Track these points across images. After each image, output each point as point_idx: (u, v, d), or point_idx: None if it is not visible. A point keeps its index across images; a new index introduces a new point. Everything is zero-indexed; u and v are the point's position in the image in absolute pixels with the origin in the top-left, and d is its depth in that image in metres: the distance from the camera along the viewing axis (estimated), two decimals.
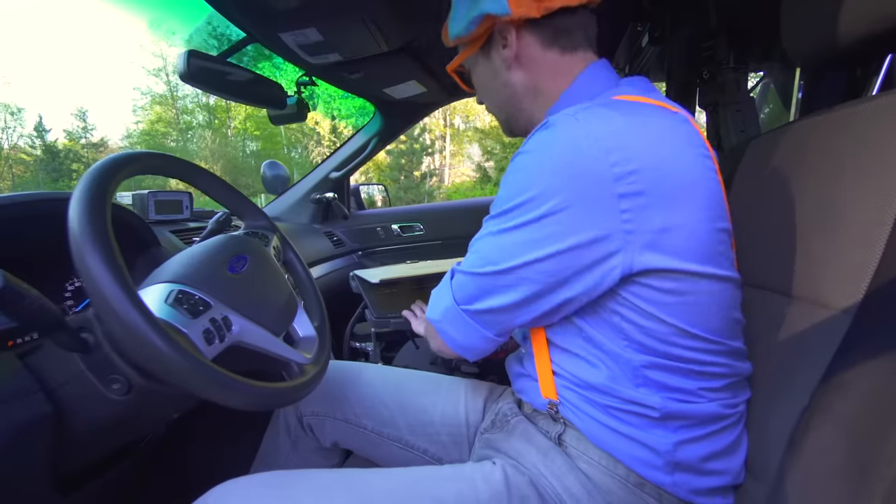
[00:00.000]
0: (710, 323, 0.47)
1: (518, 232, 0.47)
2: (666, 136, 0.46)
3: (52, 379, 0.49)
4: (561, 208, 0.43)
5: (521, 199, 0.46)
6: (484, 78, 0.62)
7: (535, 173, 0.45)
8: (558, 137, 0.45)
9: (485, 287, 0.51)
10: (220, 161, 19.32)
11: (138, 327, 0.39)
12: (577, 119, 0.45)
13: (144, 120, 20.09)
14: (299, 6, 0.76)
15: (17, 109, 18.14)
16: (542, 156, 0.46)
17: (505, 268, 0.48)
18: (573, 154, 0.43)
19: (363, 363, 0.81)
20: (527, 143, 0.48)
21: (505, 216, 0.48)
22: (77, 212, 0.42)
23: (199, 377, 0.42)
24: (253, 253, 0.62)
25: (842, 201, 0.47)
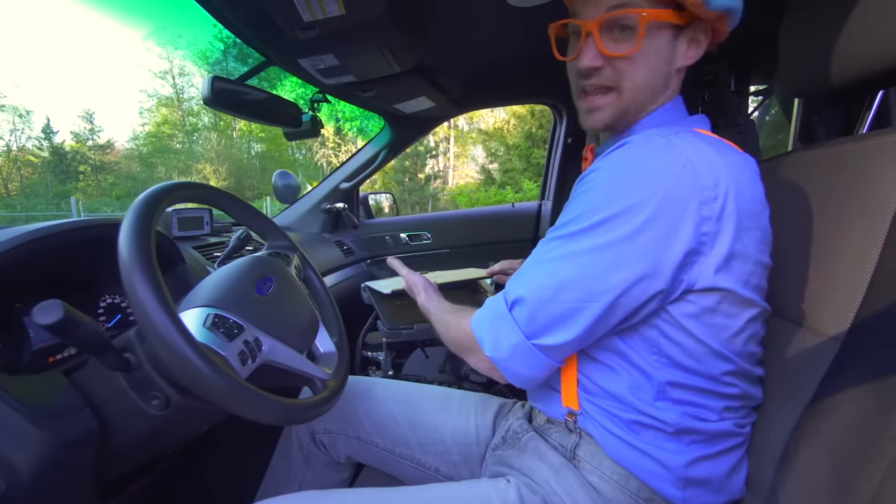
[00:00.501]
0: (740, 348, 0.50)
1: (609, 250, 0.46)
2: (743, 171, 0.49)
3: (97, 395, 0.53)
4: (653, 221, 0.45)
5: (608, 212, 0.46)
6: (656, 53, 0.53)
7: (628, 188, 0.46)
8: (652, 157, 0.47)
9: (563, 315, 0.49)
10: (225, 163, 19.44)
11: (184, 352, 0.43)
12: (671, 142, 0.47)
13: (150, 122, 20.27)
14: (319, 36, 0.80)
15: (25, 112, 18.36)
16: (633, 171, 0.47)
17: (590, 293, 0.47)
18: (668, 173, 0.45)
19: (374, 378, 0.84)
20: (609, 159, 0.49)
21: (588, 232, 0.47)
22: (126, 242, 0.46)
23: (236, 397, 0.45)
24: (277, 274, 0.66)
25: (833, 235, 0.50)
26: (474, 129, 17.29)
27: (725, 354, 0.50)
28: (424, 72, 1.14)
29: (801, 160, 0.60)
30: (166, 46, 15.03)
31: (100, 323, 0.75)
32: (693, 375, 0.50)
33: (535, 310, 0.50)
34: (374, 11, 0.75)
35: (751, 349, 0.52)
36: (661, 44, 0.53)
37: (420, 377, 1.19)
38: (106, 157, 19.71)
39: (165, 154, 19.63)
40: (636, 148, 0.48)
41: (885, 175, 0.46)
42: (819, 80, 0.57)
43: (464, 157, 18.73)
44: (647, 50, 0.52)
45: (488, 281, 1.42)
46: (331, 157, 16.37)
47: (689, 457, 0.51)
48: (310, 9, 0.70)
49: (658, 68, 0.54)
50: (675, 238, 0.45)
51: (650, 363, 0.51)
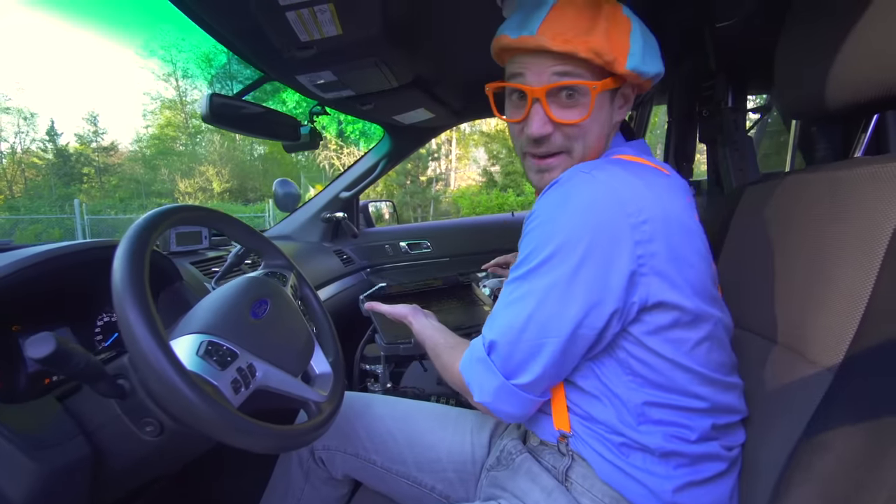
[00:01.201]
0: (703, 358, 0.52)
1: (557, 287, 0.49)
2: (668, 194, 0.52)
3: (91, 422, 0.53)
4: (589, 255, 0.48)
5: (547, 251, 0.49)
6: (597, 113, 0.56)
7: (559, 225, 0.50)
8: (577, 192, 0.50)
9: (529, 353, 0.52)
10: (228, 165, 19.49)
11: (174, 382, 0.43)
12: (593, 176, 0.50)
13: (154, 124, 20.35)
14: (317, 54, 0.80)
15: (30, 114, 18.42)
16: (563, 209, 0.50)
17: (548, 330, 0.50)
18: (594, 207, 0.49)
19: (372, 395, 0.84)
20: (542, 200, 0.53)
21: (535, 273, 0.51)
22: (120, 270, 0.46)
23: (228, 427, 0.45)
24: (272, 295, 0.66)
25: (828, 262, 0.50)
26: (476, 132, 17.30)
27: (689, 366, 0.51)
28: (422, 85, 1.14)
29: (796, 183, 0.59)
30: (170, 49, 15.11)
31: (97, 341, 0.75)
32: (666, 392, 0.52)
33: (508, 351, 0.53)
34: (370, 31, 0.76)
35: (716, 358, 0.53)
36: (603, 108, 0.57)
37: (418, 389, 1.19)
38: (110, 159, 19.78)
39: (168, 156, 19.70)
40: (562, 185, 0.51)
41: (879, 204, 0.46)
42: (814, 102, 0.57)
43: (466, 160, 18.74)
44: (595, 116, 0.56)
45: (486, 291, 1.42)
46: (333, 160, 16.41)
47: (677, 482, 0.51)
48: (307, 30, 0.70)
49: (603, 129, 0.58)
50: (614, 265, 0.48)
51: (626, 385, 0.53)
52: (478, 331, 1.05)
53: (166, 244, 0.96)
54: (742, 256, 0.66)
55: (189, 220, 0.60)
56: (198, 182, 18.81)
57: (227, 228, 0.69)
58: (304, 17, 0.65)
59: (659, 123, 5.31)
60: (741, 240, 0.67)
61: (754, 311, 0.60)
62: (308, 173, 17.66)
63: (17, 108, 18.13)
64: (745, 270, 0.64)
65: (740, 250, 0.67)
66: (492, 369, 0.54)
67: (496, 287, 1.41)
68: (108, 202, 17.14)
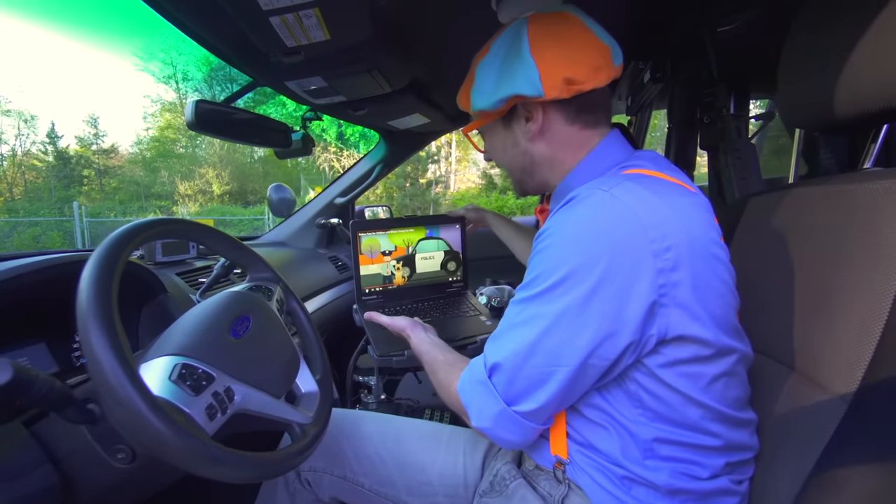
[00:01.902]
0: (720, 394, 0.48)
1: (568, 314, 0.45)
2: (693, 215, 0.48)
3: (59, 448, 0.50)
4: (605, 281, 0.44)
5: (560, 273, 0.46)
6: (501, 144, 0.64)
7: (575, 246, 0.46)
8: (595, 212, 0.46)
9: (536, 380, 0.48)
10: (227, 167, 19.48)
11: (139, 411, 0.40)
12: (614, 195, 0.46)
13: (154, 126, 20.35)
14: (305, 60, 0.78)
15: (30, 117, 18.41)
16: (579, 229, 0.46)
17: (558, 358, 0.46)
18: (614, 229, 0.45)
19: (362, 412, 0.81)
20: (557, 217, 0.49)
21: (546, 295, 0.47)
22: (86, 290, 0.43)
23: (201, 458, 0.43)
24: (255, 311, 0.63)
25: (839, 282, 0.47)
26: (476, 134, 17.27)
27: (704, 402, 0.47)
28: (417, 90, 1.12)
29: (803, 196, 0.57)
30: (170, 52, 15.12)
31: (75, 357, 0.72)
32: (677, 428, 0.48)
33: (511, 376, 0.49)
34: (360, 36, 0.73)
35: (733, 393, 0.50)
36: (498, 139, 0.64)
37: (413, 401, 1.16)
38: (110, 162, 19.77)
39: (169, 158, 19.69)
40: (579, 204, 0.48)
41: (895, 222, 0.43)
42: (821, 112, 0.54)
43: (465, 162, 18.72)
44: (493, 146, 0.67)
45: (482, 299, 1.40)
46: (333, 162, 16.39)
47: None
48: (293, 35, 0.68)
49: (510, 153, 0.63)
50: (633, 294, 0.44)
51: (635, 419, 0.49)
52: (473, 343, 1.04)
53: (152, 255, 0.94)
54: (746, 272, 0.63)
55: (166, 233, 0.58)
56: (198, 184, 18.80)
57: (208, 241, 0.66)
58: (288, 22, 0.63)
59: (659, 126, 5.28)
60: (745, 254, 0.64)
61: (760, 332, 0.57)
62: (308, 175, 17.64)
63: (17, 111, 18.16)
64: (749, 288, 0.61)
65: (744, 265, 0.64)
66: (493, 394, 0.50)
67: (493, 295, 1.39)
68: (108, 204, 17.13)
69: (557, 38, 0.53)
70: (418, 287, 1.26)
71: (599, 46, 0.54)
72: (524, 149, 0.61)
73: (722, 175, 0.87)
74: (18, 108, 18.61)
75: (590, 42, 0.54)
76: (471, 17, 0.80)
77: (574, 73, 0.53)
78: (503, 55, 0.56)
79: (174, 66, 15.66)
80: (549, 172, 0.61)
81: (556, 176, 0.61)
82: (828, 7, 0.53)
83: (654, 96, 1.24)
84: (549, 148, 0.59)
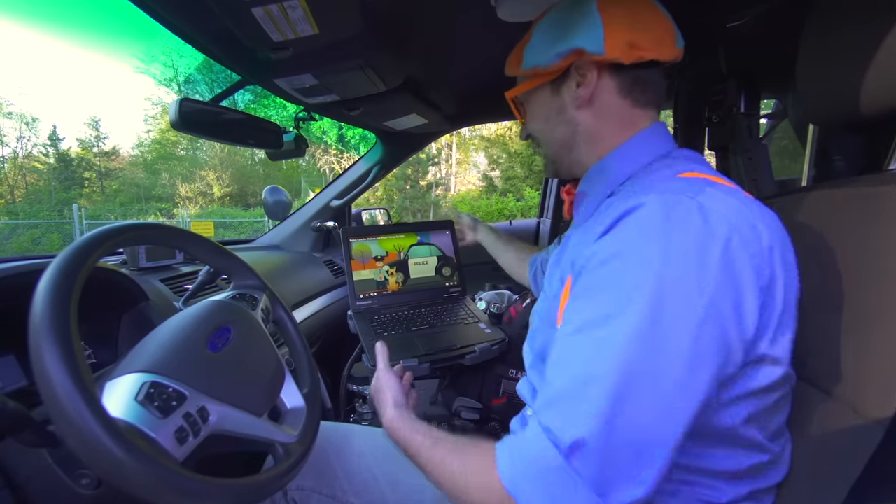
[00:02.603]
0: (765, 423, 0.43)
1: (680, 352, 0.36)
2: (779, 227, 0.43)
3: (18, 473, 0.47)
4: (713, 306, 0.37)
5: (651, 300, 0.37)
6: (545, 111, 0.59)
7: (673, 267, 0.37)
8: (689, 225, 0.39)
9: (644, 444, 0.36)
10: (228, 169, 19.50)
11: (94, 435, 0.36)
12: (702, 204, 0.40)
13: (155, 129, 20.37)
14: (294, 56, 0.74)
15: (32, 119, 18.43)
16: (673, 244, 0.38)
17: (674, 404, 0.36)
18: (716, 246, 0.38)
19: (353, 426, 0.77)
20: (629, 231, 0.41)
21: (640, 331, 0.37)
22: (40, 300, 0.40)
23: (168, 488, 0.39)
24: (237, 322, 0.59)
25: (869, 295, 0.43)
26: (476, 136, 17.28)
27: (747, 434, 0.42)
28: (413, 89, 1.08)
29: (822, 199, 0.53)
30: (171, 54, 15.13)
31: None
32: (703, 454, 0.43)
33: (604, 455, 0.36)
34: (350, 31, 0.69)
35: (777, 421, 0.45)
36: (543, 104, 0.59)
37: None
38: (111, 164, 19.81)
39: (169, 161, 19.72)
40: (660, 213, 0.40)
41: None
42: (845, 107, 0.50)
43: (466, 164, 18.70)
44: (536, 114, 0.62)
45: (481, 305, 1.35)
46: (333, 164, 16.38)
47: None
48: (279, 29, 0.64)
49: (554, 122, 0.59)
50: (740, 319, 0.38)
51: None
52: (471, 352, 0.99)
53: (135, 260, 0.90)
54: None
55: (139, 239, 0.54)
56: (198, 187, 18.83)
57: (189, 247, 0.62)
58: (273, 14, 0.59)
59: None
60: None
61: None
62: (309, 178, 17.64)
63: (19, 113, 18.20)
64: None
65: None
66: (576, 485, 0.36)
67: (492, 301, 1.34)
68: (109, 206, 17.14)
69: (626, 3, 0.52)
70: (414, 293, 1.22)
71: (665, 22, 0.53)
72: (570, 117, 0.56)
73: (732, 177, 0.83)
74: (20, 111, 18.71)
75: (657, 15, 0.53)
76: (467, 14, 0.76)
77: (638, 39, 0.50)
78: (567, 10, 0.54)
79: (175, 69, 15.66)
80: (588, 150, 0.57)
81: (594, 154, 0.57)
82: (847, 1, 0.49)
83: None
84: (596, 120, 0.55)
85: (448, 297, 1.24)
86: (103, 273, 0.68)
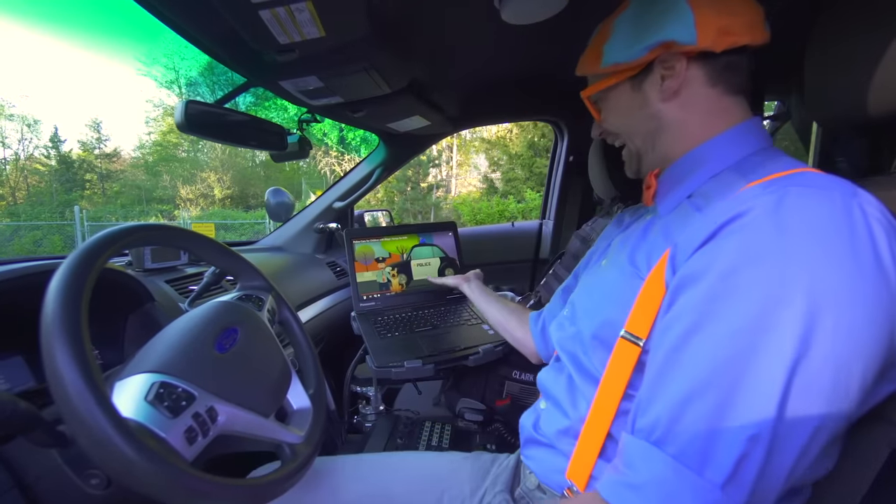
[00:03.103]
0: None
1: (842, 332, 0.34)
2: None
3: (28, 473, 0.47)
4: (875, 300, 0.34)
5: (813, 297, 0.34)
6: (627, 107, 0.56)
7: (832, 256, 0.35)
8: (848, 218, 0.36)
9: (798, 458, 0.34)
10: (229, 171, 19.52)
11: (106, 435, 0.36)
12: (866, 213, 0.37)
13: (157, 131, 20.41)
14: (299, 58, 0.74)
15: (33, 121, 18.47)
16: (831, 239, 0.35)
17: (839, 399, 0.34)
18: (873, 248, 0.35)
19: (335, 458, 0.73)
20: (763, 205, 0.38)
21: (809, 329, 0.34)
22: (52, 301, 0.40)
23: (177, 488, 0.39)
24: (243, 323, 0.59)
25: None
26: (477, 138, 17.29)
27: None
28: (417, 91, 1.09)
29: None
30: (173, 57, 15.19)
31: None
32: None
33: (761, 465, 0.33)
34: (356, 33, 0.70)
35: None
36: (624, 100, 0.57)
37: (413, 412, 1.12)
38: (112, 166, 19.83)
39: (170, 163, 19.74)
40: (817, 199, 0.37)
41: None
42: (854, 108, 0.50)
43: (466, 166, 18.72)
44: (616, 110, 0.58)
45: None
46: (334, 166, 16.40)
47: None
48: (285, 31, 0.65)
49: (637, 117, 0.56)
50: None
51: None
52: (475, 353, 0.99)
53: (140, 261, 0.90)
54: None
55: (148, 240, 0.54)
56: (199, 188, 18.84)
57: (195, 248, 0.62)
58: (280, 16, 0.59)
59: None
60: None
61: None
62: (310, 180, 17.66)
63: (21, 115, 18.24)
64: None
65: None
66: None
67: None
68: (110, 208, 17.16)
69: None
70: (417, 294, 1.23)
71: (753, 4, 0.50)
72: (655, 110, 0.54)
73: None
74: (22, 113, 18.73)
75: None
76: (472, 16, 0.77)
77: (730, 24, 0.48)
78: (650, 2, 0.52)
79: (177, 71, 15.73)
80: (675, 142, 0.54)
81: (681, 146, 0.53)
82: (857, 2, 0.49)
83: None
84: (683, 112, 0.53)
85: (451, 298, 1.24)
86: (109, 274, 0.68)
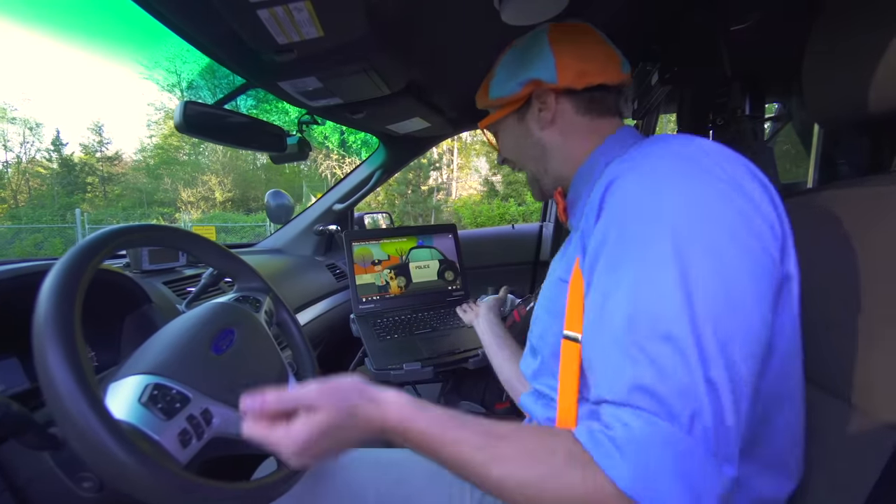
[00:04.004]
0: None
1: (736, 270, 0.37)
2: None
3: (19, 475, 0.46)
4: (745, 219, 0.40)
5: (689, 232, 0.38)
6: (514, 137, 0.66)
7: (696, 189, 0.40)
8: (697, 156, 0.42)
9: (741, 396, 0.35)
10: (230, 174, 19.56)
11: (98, 437, 0.35)
12: (696, 140, 0.44)
13: (158, 134, 20.48)
14: (298, 59, 0.74)
15: (35, 125, 18.57)
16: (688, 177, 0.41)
17: (751, 328, 0.37)
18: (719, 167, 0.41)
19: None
20: (628, 168, 0.43)
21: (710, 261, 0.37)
22: (44, 302, 0.39)
23: (170, 491, 0.38)
24: (240, 324, 0.59)
25: (882, 297, 0.42)
26: (478, 141, 17.32)
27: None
28: (416, 92, 1.08)
29: (832, 200, 0.52)
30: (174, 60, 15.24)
31: None
32: None
33: (717, 413, 0.33)
34: (355, 34, 0.70)
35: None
36: (512, 131, 0.66)
37: None
38: (114, 169, 19.88)
39: (172, 165, 19.79)
40: (663, 149, 0.44)
41: None
42: (854, 106, 0.50)
43: (467, 169, 18.74)
44: (506, 141, 0.68)
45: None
46: (335, 169, 16.42)
47: None
48: (283, 31, 0.64)
49: (523, 145, 0.65)
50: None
51: None
52: (475, 356, 0.98)
53: (138, 262, 0.89)
54: None
55: (144, 241, 0.54)
56: (200, 191, 18.88)
57: (192, 249, 0.62)
58: (278, 15, 0.59)
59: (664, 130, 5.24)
60: None
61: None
62: (311, 183, 17.67)
63: (23, 119, 18.31)
64: None
65: None
66: (706, 460, 0.32)
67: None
68: (111, 211, 17.18)
69: (574, 39, 0.60)
70: (417, 296, 1.22)
71: (610, 52, 0.60)
72: (537, 138, 0.62)
73: None
74: (24, 116, 18.79)
75: (602, 47, 0.60)
76: (472, 18, 0.77)
77: (586, 67, 0.58)
78: (524, 49, 0.62)
79: (178, 75, 15.78)
80: (562, 163, 0.62)
81: (569, 166, 0.61)
82: (856, 2, 0.49)
83: (662, 99, 1.20)
84: (561, 136, 0.61)
85: (451, 300, 1.23)
86: (106, 275, 0.67)
